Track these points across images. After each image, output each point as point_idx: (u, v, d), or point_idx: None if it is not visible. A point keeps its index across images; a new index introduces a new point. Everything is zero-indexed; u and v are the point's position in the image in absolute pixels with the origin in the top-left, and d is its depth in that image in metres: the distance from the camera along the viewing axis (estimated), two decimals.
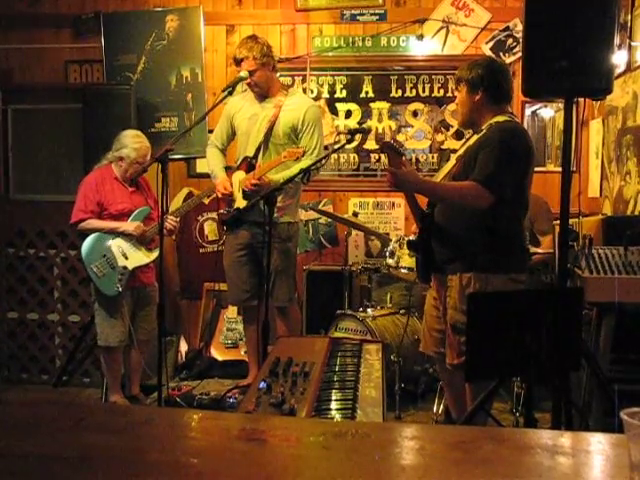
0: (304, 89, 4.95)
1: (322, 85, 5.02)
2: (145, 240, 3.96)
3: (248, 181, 3.85)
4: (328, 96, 5.02)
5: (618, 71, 3.82)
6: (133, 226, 3.93)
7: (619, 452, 1.01)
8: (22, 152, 5.16)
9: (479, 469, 0.99)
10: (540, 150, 4.87)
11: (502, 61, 4.42)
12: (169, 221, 3.88)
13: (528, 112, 4.86)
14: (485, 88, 2.95)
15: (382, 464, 1.00)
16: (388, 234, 4.77)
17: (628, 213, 3.86)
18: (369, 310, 4.22)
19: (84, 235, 3.97)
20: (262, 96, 4.03)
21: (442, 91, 4.93)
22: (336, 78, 5.02)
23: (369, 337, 3.87)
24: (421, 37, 4.82)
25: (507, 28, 4.79)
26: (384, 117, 5.02)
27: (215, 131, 4.25)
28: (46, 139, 5.11)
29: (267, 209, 3.28)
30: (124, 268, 3.89)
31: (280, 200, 3.67)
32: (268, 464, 1.03)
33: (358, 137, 4.87)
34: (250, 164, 3.98)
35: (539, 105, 4.84)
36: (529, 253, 3.31)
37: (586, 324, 3.11)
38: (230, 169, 4.12)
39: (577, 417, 2.88)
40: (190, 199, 4.26)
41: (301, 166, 3.69)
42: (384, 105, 5.01)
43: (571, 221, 2.79)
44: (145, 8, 5.07)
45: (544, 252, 3.83)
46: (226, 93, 3.85)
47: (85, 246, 3.90)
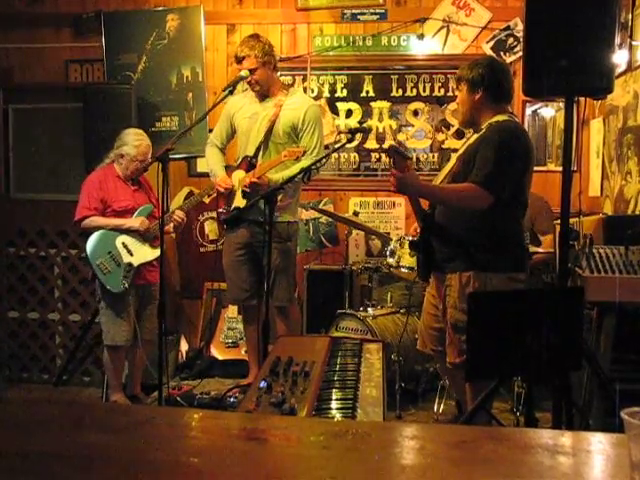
0: (305, 88, 4.95)
1: (323, 84, 5.02)
2: (149, 237, 3.96)
3: (247, 179, 3.85)
4: (329, 95, 5.02)
5: (619, 70, 3.81)
6: (138, 221, 3.93)
7: (620, 452, 1.00)
8: (23, 151, 5.16)
9: (480, 469, 0.99)
10: (541, 149, 4.86)
11: (503, 61, 4.42)
12: (176, 217, 3.93)
13: (529, 111, 4.86)
14: (486, 87, 2.96)
15: (382, 464, 1.00)
16: (389, 233, 4.77)
17: (629, 212, 3.86)
18: (369, 309, 4.21)
19: (85, 234, 3.98)
20: (263, 95, 4.03)
21: (443, 90, 4.92)
22: (337, 77, 5.02)
23: (369, 336, 3.87)
24: (422, 36, 4.82)
25: (508, 27, 4.78)
26: (385, 116, 5.01)
27: (215, 130, 4.25)
28: (46, 138, 5.11)
29: (267, 208, 3.28)
30: (129, 265, 3.90)
31: (280, 199, 3.67)
32: (268, 463, 1.03)
33: (359, 136, 4.87)
34: (250, 163, 3.98)
35: (540, 104, 4.84)
36: (529, 252, 3.31)
37: (587, 324, 3.11)
38: (230, 168, 4.12)
39: (578, 417, 2.88)
40: (193, 196, 4.26)
41: (301, 166, 3.69)
42: (385, 104, 5.00)
43: (572, 220, 2.79)
44: (146, 7, 5.08)
45: (545, 252, 3.83)
46: (227, 92, 3.84)
47: (90, 243, 3.90)
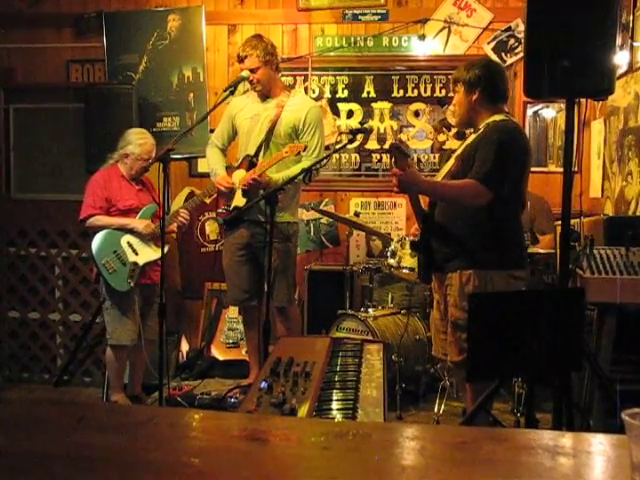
0: (306, 89, 4.95)
1: (324, 85, 5.02)
2: (154, 236, 3.97)
3: (248, 177, 3.85)
4: (330, 96, 5.02)
5: (620, 71, 3.81)
6: (143, 225, 3.93)
7: (620, 453, 1.00)
8: (24, 151, 5.16)
9: (480, 469, 0.99)
10: (542, 150, 4.86)
11: (498, 62, 4.41)
12: (182, 217, 3.95)
13: (530, 112, 4.85)
14: (482, 88, 3.00)
15: (383, 464, 1.00)
16: (389, 234, 4.76)
17: (629, 213, 3.86)
18: (370, 310, 4.21)
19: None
20: (264, 96, 4.03)
21: (444, 91, 4.92)
22: (338, 78, 5.02)
23: (370, 337, 3.86)
24: (423, 37, 4.82)
25: (509, 28, 4.78)
26: (386, 117, 5.01)
27: (216, 131, 4.24)
28: (48, 138, 5.10)
29: (268, 209, 3.28)
30: (135, 264, 3.90)
31: (280, 199, 3.67)
32: (269, 464, 1.02)
33: (360, 137, 4.86)
34: (251, 162, 3.97)
35: (541, 105, 4.84)
36: (528, 252, 3.31)
37: (587, 324, 3.11)
38: (230, 168, 4.12)
39: (578, 417, 2.88)
40: (195, 197, 4.26)
41: (302, 166, 3.69)
42: (386, 105, 5.00)
43: (572, 221, 2.80)
44: (147, 7, 5.07)
45: (545, 252, 3.83)
46: (228, 93, 3.84)
47: (95, 242, 3.91)
